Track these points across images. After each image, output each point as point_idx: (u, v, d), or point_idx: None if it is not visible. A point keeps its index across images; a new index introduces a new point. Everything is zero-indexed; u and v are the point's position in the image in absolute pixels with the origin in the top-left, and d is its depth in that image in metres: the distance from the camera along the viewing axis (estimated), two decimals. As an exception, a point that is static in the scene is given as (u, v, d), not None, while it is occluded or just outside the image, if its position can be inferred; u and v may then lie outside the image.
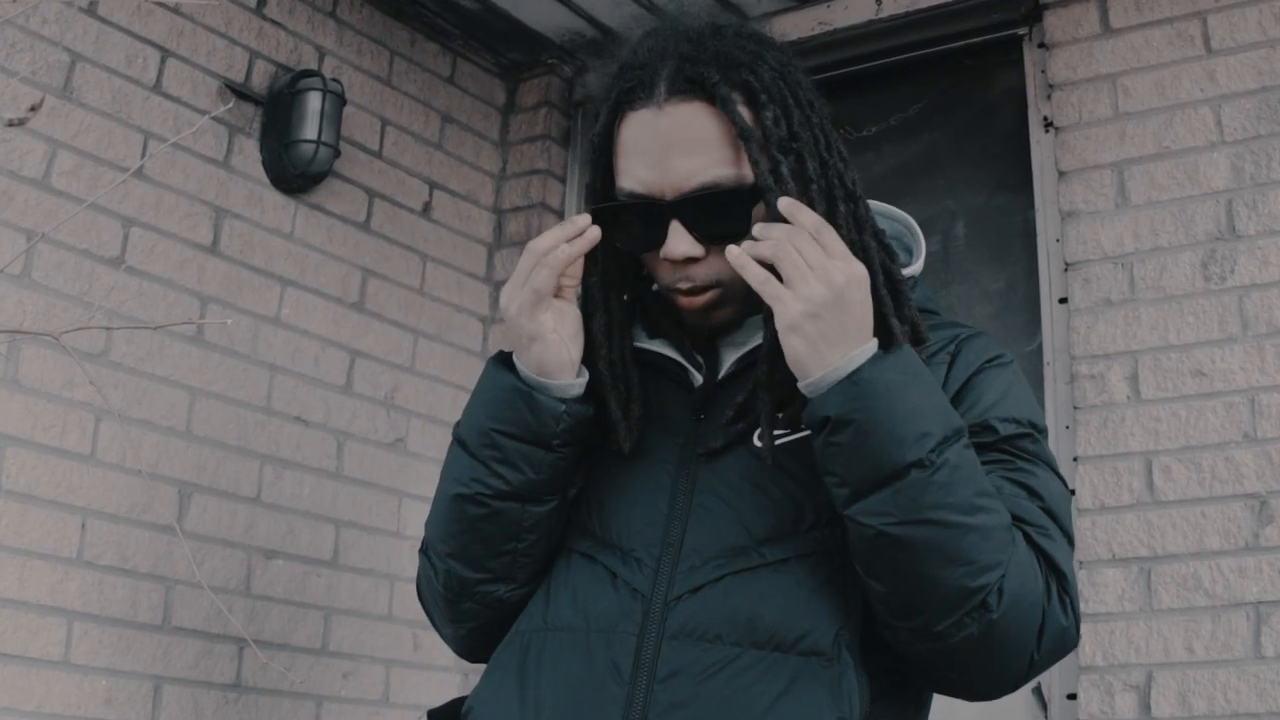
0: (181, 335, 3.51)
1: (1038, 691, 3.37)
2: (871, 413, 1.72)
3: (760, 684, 1.77)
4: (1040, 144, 3.70)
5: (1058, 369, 3.52)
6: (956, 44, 3.96)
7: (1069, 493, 1.96)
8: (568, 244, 1.88)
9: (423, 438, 4.11)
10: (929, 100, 4.04)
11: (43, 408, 3.20)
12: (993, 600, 1.75)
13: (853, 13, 4.07)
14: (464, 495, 1.93)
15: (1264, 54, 3.41)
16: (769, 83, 1.88)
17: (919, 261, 2.07)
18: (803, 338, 1.74)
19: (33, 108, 3.21)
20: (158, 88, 3.56)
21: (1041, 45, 3.74)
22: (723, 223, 1.87)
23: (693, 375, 1.99)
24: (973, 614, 1.75)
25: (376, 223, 4.09)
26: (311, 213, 3.90)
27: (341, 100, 3.85)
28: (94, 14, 3.44)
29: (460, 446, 1.96)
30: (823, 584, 1.83)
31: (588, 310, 1.96)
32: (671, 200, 1.86)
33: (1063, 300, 3.55)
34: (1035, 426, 1.94)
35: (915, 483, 1.72)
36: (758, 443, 1.88)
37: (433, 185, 4.29)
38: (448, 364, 4.22)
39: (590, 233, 1.89)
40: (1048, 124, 3.68)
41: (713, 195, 1.85)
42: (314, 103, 3.77)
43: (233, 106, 3.72)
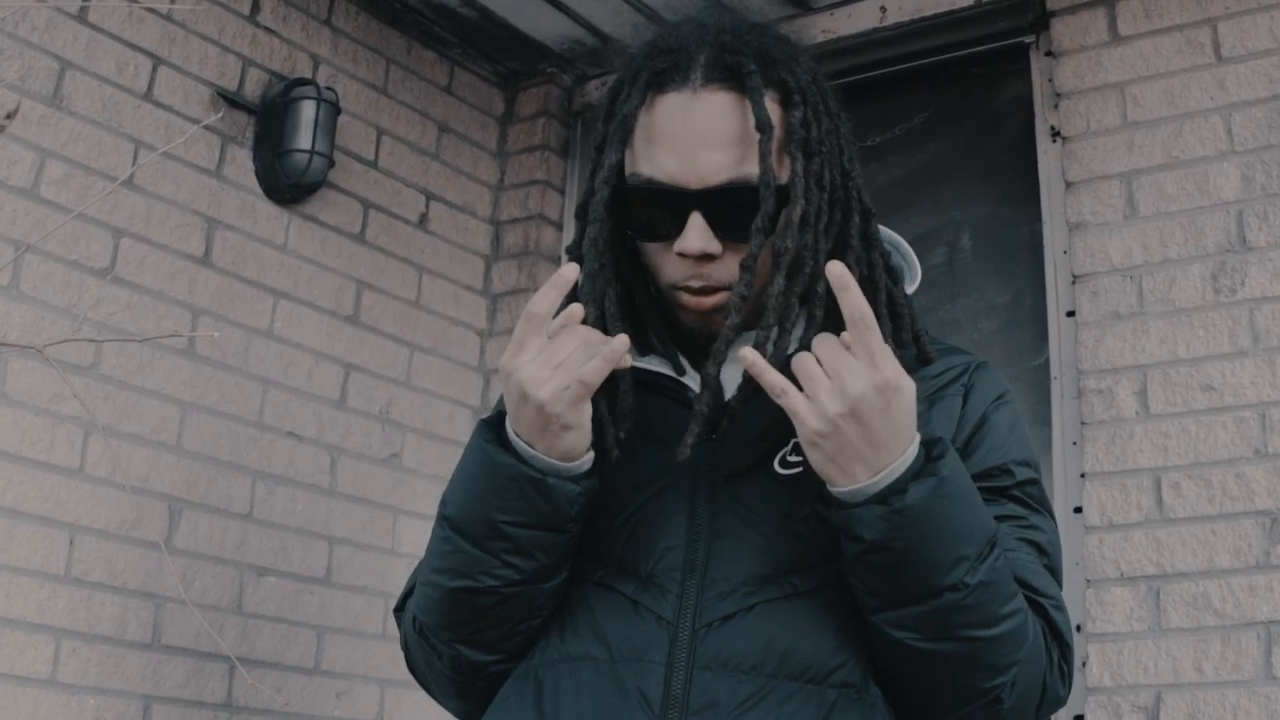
0: (172, 348, 3.51)
1: (1044, 712, 3.36)
2: (910, 540, 1.69)
3: (798, 716, 1.75)
4: (1047, 154, 3.70)
5: (1065, 383, 3.51)
6: (962, 52, 3.96)
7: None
8: (613, 346, 1.74)
9: (418, 454, 4.11)
10: (934, 110, 4.04)
11: (30, 421, 3.20)
12: (1005, 695, 1.78)
13: (857, 21, 4.07)
14: (472, 589, 1.84)
15: (1276, 61, 3.41)
16: (804, 84, 1.85)
17: (914, 284, 2.05)
18: (820, 453, 1.70)
19: (8, 115, 3.21)
20: (149, 96, 3.57)
21: (1049, 53, 3.74)
22: (748, 222, 1.81)
23: (695, 395, 1.90)
24: (985, 707, 1.78)
25: (372, 234, 4.09)
26: (305, 224, 3.90)
27: (336, 109, 3.85)
28: (84, 20, 3.44)
29: (457, 534, 1.85)
30: (851, 614, 1.82)
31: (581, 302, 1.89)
32: (697, 191, 1.82)
33: (1070, 313, 3.55)
34: (1038, 469, 1.97)
35: (947, 605, 1.71)
36: (779, 469, 1.87)
37: (429, 196, 4.29)
38: (444, 378, 4.22)
39: (619, 343, 1.75)
40: (1055, 134, 3.69)
41: (740, 192, 1.81)
42: (308, 111, 3.77)
43: (225, 115, 3.73)
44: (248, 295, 3.73)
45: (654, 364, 1.94)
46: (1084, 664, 3.24)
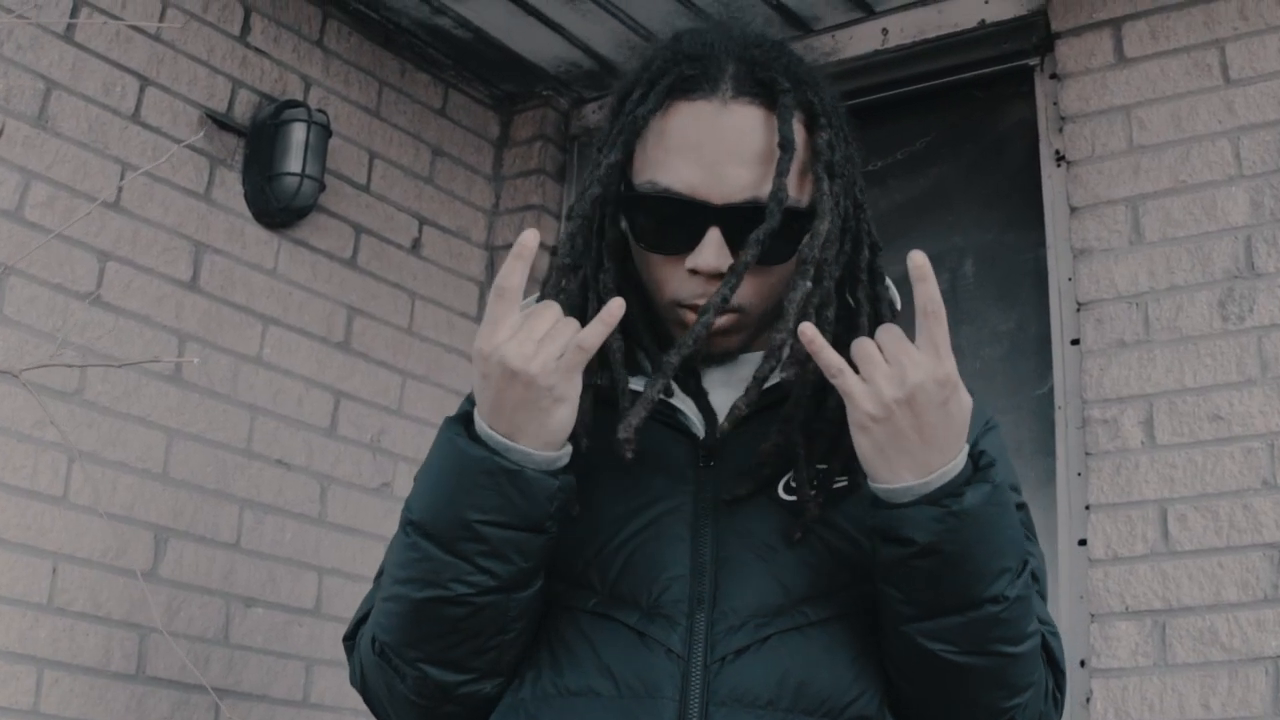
0: (159, 374, 3.51)
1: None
2: (964, 546, 1.68)
3: None
4: (1052, 178, 3.70)
5: (1069, 413, 3.50)
6: (965, 75, 3.97)
7: None
8: (610, 309, 1.69)
9: (410, 483, 4.06)
10: (936, 133, 4.04)
11: (13, 448, 3.20)
12: (1019, 716, 1.79)
13: (858, 43, 4.08)
14: (442, 598, 1.75)
15: (1284, 84, 3.42)
16: (830, 107, 1.85)
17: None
18: (869, 439, 1.68)
19: None
20: (136, 117, 3.57)
21: (1053, 76, 3.74)
22: (770, 243, 1.79)
23: (686, 418, 1.90)
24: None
25: (363, 259, 4.09)
26: (295, 248, 3.90)
27: (327, 131, 3.86)
28: (70, 40, 3.45)
29: (425, 539, 1.75)
30: (864, 645, 1.82)
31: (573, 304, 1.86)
32: (718, 206, 1.79)
33: (1075, 341, 3.54)
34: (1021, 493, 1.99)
35: (986, 617, 1.71)
36: (784, 494, 1.86)
37: (422, 221, 4.29)
38: (437, 407, 4.21)
39: (615, 306, 1.69)
40: (1059, 158, 3.68)
41: (763, 212, 1.78)
42: (298, 134, 3.77)
43: (213, 137, 3.73)
44: (236, 321, 3.72)
45: (642, 385, 1.86)
46: (1088, 700, 3.23)
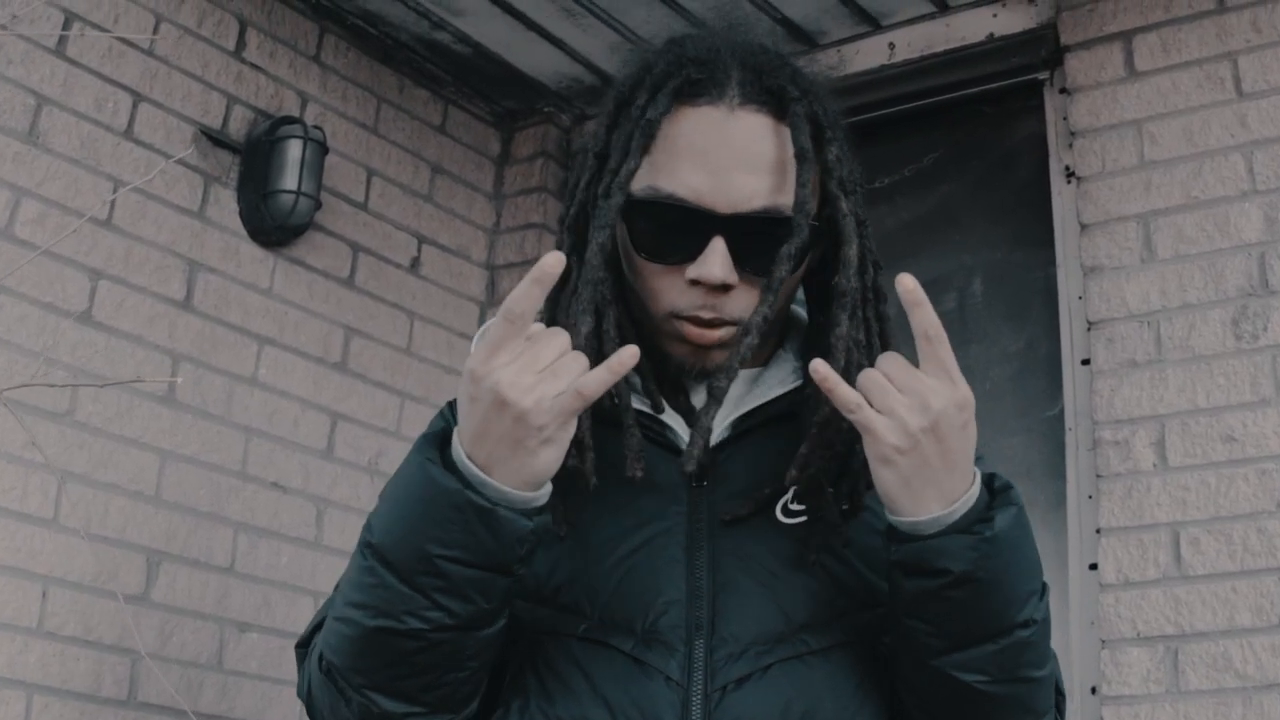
0: (151, 395, 3.51)
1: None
2: (996, 572, 1.66)
3: None
4: (1062, 195, 3.69)
5: (1080, 435, 3.49)
6: (973, 90, 3.97)
7: None
8: (621, 358, 1.59)
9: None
10: (944, 150, 4.04)
11: (2, 469, 3.19)
12: None
13: (864, 58, 4.08)
14: (395, 630, 1.67)
15: (1298, 98, 3.41)
16: (834, 119, 1.83)
17: None
18: (895, 472, 1.64)
19: None
20: (129, 133, 3.57)
21: (1063, 90, 3.73)
22: (771, 255, 1.76)
23: (676, 435, 1.86)
24: None
25: (361, 278, 4.09)
26: (291, 267, 3.90)
27: (323, 148, 3.86)
28: (62, 55, 3.45)
29: (383, 566, 1.67)
30: (867, 675, 1.81)
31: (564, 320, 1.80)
32: (725, 215, 1.75)
33: (1085, 361, 3.53)
34: None
35: (1018, 643, 1.70)
36: (782, 517, 1.84)
37: (421, 239, 4.29)
38: (436, 428, 4.20)
39: (628, 355, 1.59)
40: (1069, 174, 3.68)
41: (771, 222, 1.76)
42: (294, 151, 3.77)
43: (207, 153, 3.73)
44: (231, 341, 3.72)
45: (642, 403, 1.86)
46: (1099, 727, 3.22)
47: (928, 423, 1.61)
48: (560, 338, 1.63)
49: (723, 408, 1.82)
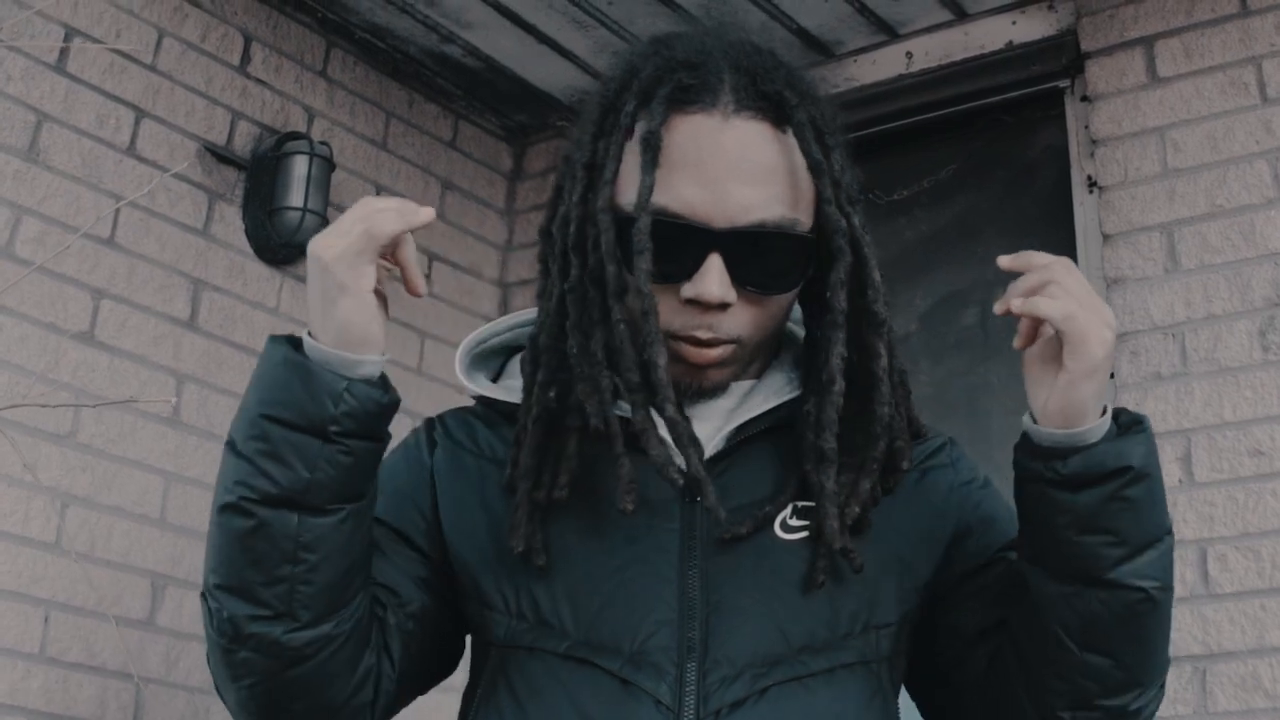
0: (155, 416, 3.50)
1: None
2: (1156, 467, 1.72)
3: None
4: (1084, 205, 3.68)
5: (1104, 449, 3.47)
6: (993, 99, 3.95)
7: None
8: (421, 214, 1.68)
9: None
10: (963, 161, 4.02)
11: (3, 492, 3.19)
12: (1164, 681, 1.82)
13: (881, 67, 4.07)
14: (229, 505, 1.67)
15: (1324, 102, 3.39)
16: (833, 124, 1.79)
17: None
18: (1095, 384, 1.68)
19: None
20: (131, 150, 3.58)
21: (1084, 98, 3.72)
22: (775, 271, 1.74)
23: (671, 450, 1.76)
24: (1158, 694, 1.81)
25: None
26: (298, 285, 3.90)
27: (330, 164, 3.86)
28: (63, 71, 3.46)
29: (229, 447, 1.71)
30: (870, 698, 1.78)
31: (549, 337, 1.79)
32: (721, 230, 1.70)
33: (1110, 375, 3.50)
34: None
35: (1169, 548, 1.74)
36: (781, 533, 1.80)
37: (432, 257, 4.29)
38: (448, 448, 4.19)
39: (425, 213, 1.69)
40: (1091, 184, 3.66)
41: (770, 236, 1.72)
42: (300, 167, 3.78)
43: (211, 170, 3.74)
44: (236, 360, 3.72)
45: (628, 410, 1.79)
46: (1126, 750, 3.19)
47: (1114, 336, 1.68)
48: (371, 203, 1.69)
49: (716, 420, 1.83)
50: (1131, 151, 3.58)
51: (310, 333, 1.70)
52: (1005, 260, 1.76)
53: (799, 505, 1.80)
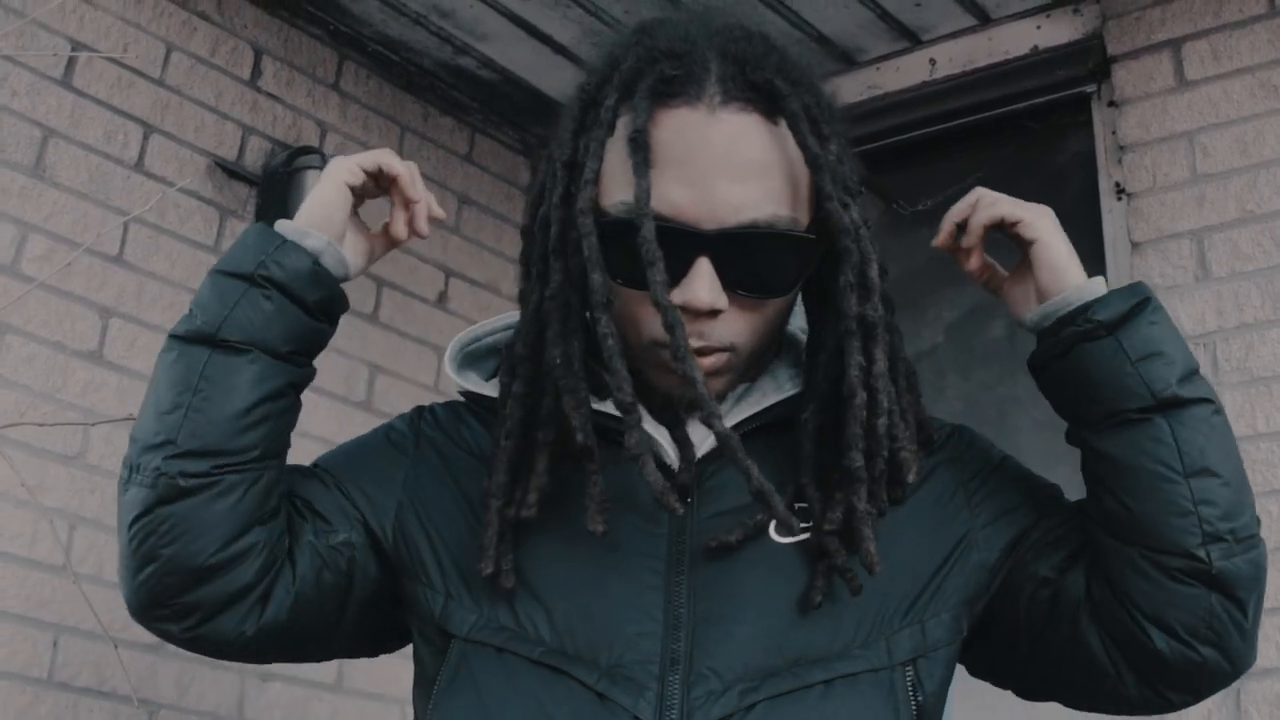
0: (165, 435, 3.50)
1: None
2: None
3: None
4: (1112, 213, 3.66)
5: (1135, 462, 3.44)
6: (1018, 105, 3.94)
7: None
8: (434, 208, 1.88)
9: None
10: (989, 169, 4.00)
11: (9, 513, 3.19)
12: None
13: (904, 75, 4.06)
14: (173, 338, 1.78)
15: (1357, 103, 3.37)
16: (830, 112, 1.72)
17: None
18: (1061, 239, 1.79)
19: None
20: (140, 166, 3.58)
21: (1111, 103, 3.70)
22: (770, 274, 1.68)
23: (660, 447, 1.75)
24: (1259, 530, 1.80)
25: (386, 314, 4.08)
26: (312, 302, 3.89)
27: (344, 179, 3.85)
28: (69, 85, 3.47)
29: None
30: (878, 708, 1.70)
31: (530, 341, 1.75)
32: (711, 233, 1.63)
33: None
34: None
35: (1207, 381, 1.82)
36: (776, 535, 1.73)
37: (449, 273, 4.29)
38: (467, 468, 4.19)
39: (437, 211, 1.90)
40: (1120, 191, 3.64)
41: (762, 237, 1.65)
42: (312, 182, 3.75)
43: (222, 186, 3.74)
44: (248, 379, 3.71)
45: (609, 405, 1.74)
46: (1159, 770, 3.16)
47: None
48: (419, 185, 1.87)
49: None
50: (1160, 157, 3.56)
51: None
52: (936, 241, 1.89)
53: (796, 508, 1.74)
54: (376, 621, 1.91)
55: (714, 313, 1.66)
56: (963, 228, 1.87)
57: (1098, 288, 1.77)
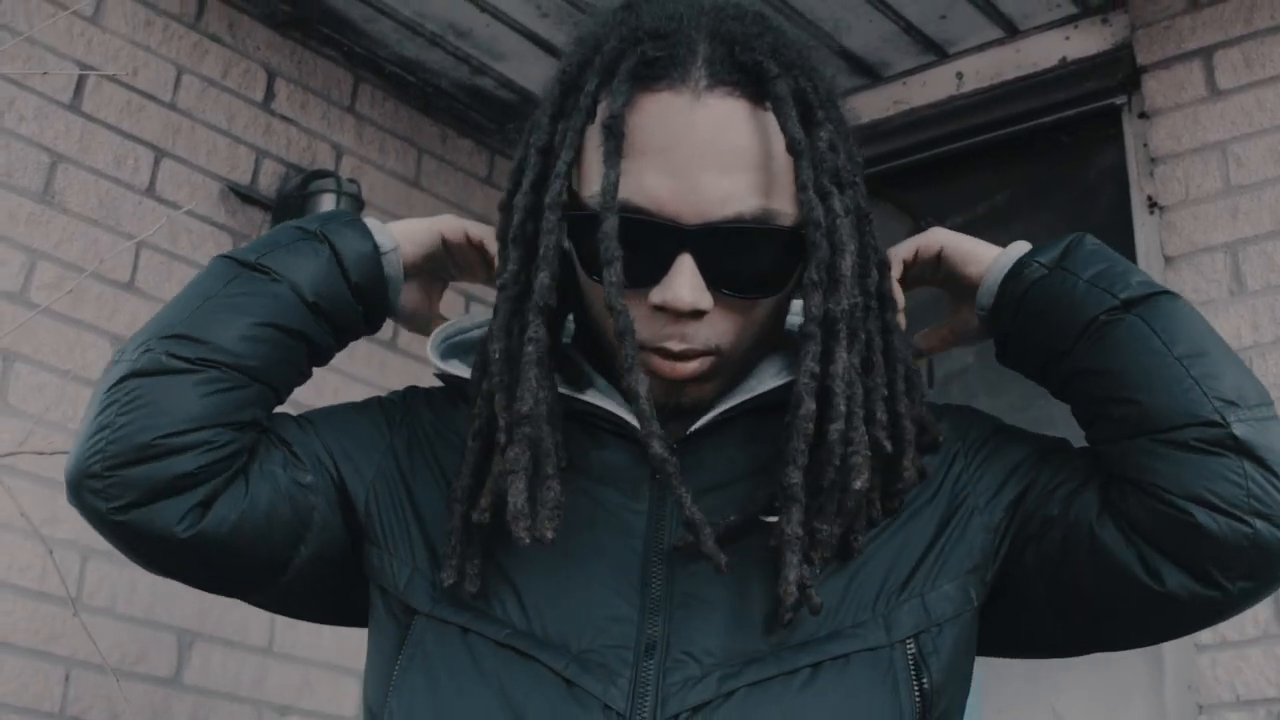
0: (179, 465, 3.49)
1: None
2: None
3: None
4: (1144, 227, 3.63)
5: (1171, 482, 3.41)
6: (1047, 118, 3.92)
7: None
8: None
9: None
10: (1019, 184, 3.99)
11: (19, 545, 3.19)
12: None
13: (931, 89, 4.04)
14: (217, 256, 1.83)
15: (1392, 110, 3.34)
16: (826, 97, 1.63)
17: None
18: (966, 237, 1.84)
19: None
20: (150, 191, 3.59)
21: (1142, 115, 3.67)
22: (757, 271, 1.59)
23: (639, 432, 1.62)
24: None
25: (404, 340, 4.07)
26: (327, 328, 3.89)
27: (359, 203, 3.84)
28: (77, 110, 3.47)
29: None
30: (873, 688, 1.60)
31: (499, 336, 1.64)
32: (693, 228, 1.54)
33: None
34: None
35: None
36: (763, 515, 1.61)
37: (469, 298, 4.27)
38: (489, 496, 4.17)
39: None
40: (1151, 204, 3.61)
41: (752, 232, 1.56)
42: (327, 206, 3.77)
43: (235, 211, 3.74)
44: (264, 407, 3.70)
45: (596, 398, 1.68)
46: (1197, 799, 3.13)
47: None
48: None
49: (690, 416, 1.69)
50: (1193, 169, 3.53)
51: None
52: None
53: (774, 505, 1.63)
54: (328, 583, 1.79)
55: (697, 313, 1.57)
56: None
57: (1023, 246, 1.79)
